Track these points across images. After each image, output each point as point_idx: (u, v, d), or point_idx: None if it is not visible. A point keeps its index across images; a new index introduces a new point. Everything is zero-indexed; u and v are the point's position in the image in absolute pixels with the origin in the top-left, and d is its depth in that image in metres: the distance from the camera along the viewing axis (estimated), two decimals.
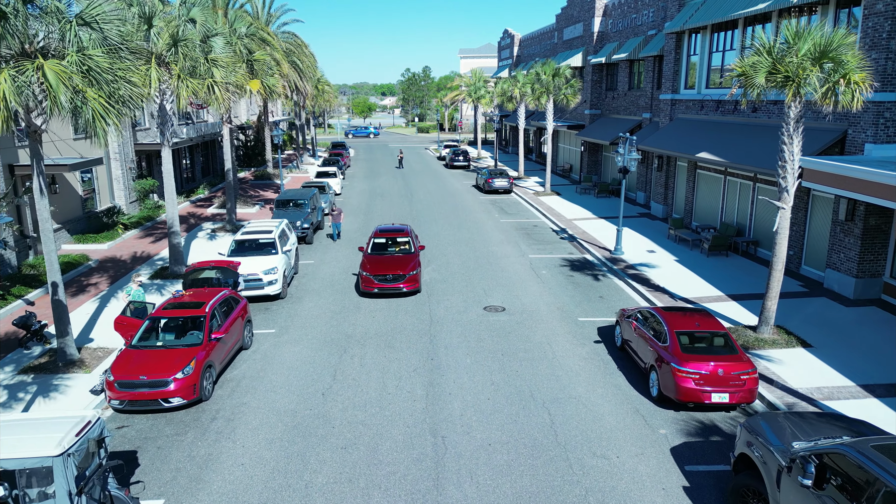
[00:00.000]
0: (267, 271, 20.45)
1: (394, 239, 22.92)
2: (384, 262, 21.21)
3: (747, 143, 24.24)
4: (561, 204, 38.25)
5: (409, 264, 21.11)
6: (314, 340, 17.65)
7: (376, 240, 22.87)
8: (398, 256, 21.69)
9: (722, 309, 19.47)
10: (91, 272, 23.96)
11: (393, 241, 22.89)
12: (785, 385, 14.51)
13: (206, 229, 31.56)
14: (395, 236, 22.99)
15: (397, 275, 20.51)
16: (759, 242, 25.41)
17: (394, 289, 20.47)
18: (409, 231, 23.55)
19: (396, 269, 20.79)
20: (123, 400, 13.34)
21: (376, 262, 21.21)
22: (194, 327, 15.01)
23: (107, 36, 14.44)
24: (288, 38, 48.48)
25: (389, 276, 20.45)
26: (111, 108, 14.04)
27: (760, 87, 15.72)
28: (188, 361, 13.74)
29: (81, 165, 25.36)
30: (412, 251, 22.38)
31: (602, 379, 15.13)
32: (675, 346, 13.68)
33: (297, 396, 14.36)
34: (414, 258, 21.58)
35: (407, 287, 20.56)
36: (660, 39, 34.05)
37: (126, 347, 14.44)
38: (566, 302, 20.69)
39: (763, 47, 15.78)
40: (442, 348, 16.96)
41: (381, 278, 20.49)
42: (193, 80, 21.25)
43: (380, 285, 20.48)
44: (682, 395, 13.11)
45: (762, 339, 16.84)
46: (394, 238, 22.94)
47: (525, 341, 17.41)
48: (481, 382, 14.92)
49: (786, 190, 16.37)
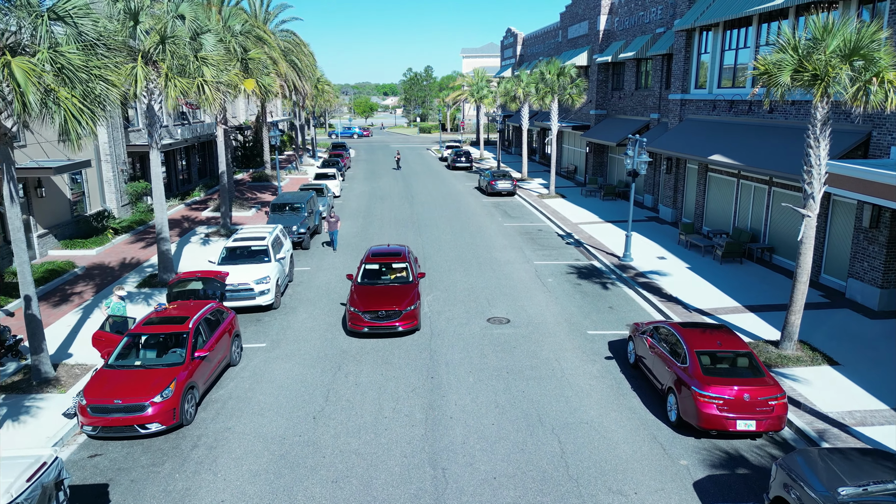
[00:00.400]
0: (259, 280, 19.39)
1: (388, 265, 19.78)
2: (376, 294, 18.10)
3: (763, 145, 23.14)
4: (566, 207, 37.16)
5: (407, 297, 17.97)
6: (307, 356, 16.58)
7: (368, 265, 19.80)
8: (393, 287, 18.61)
9: (739, 321, 18.38)
10: (76, 280, 22.92)
11: (387, 267, 19.74)
12: (814, 408, 13.42)
13: (200, 234, 30.52)
14: (390, 261, 19.86)
15: (392, 311, 17.49)
16: (774, 249, 24.29)
17: (387, 328, 17.46)
18: (406, 254, 20.36)
19: (391, 303, 17.66)
20: (97, 426, 12.29)
21: (367, 294, 18.10)
22: (176, 344, 13.96)
23: (82, 31, 13.40)
24: (286, 37, 47.45)
25: (382, 312, 17.44)
26: (85, 109, 13.01)
27: (785, 86, 14.62)
28: (168, 383, 12.69)
29: (67, 168, 24.32)
30: (410, 280, 19.17)
31: (615, 400, 14.05)
32: (696, 367, 12.59)
33: (286, 420, 13.30)
34: (412, 290, 18.46)
35: (403, 325, 17.51)
36: (669, 37, 32.95)
37: (101, 367, 13.39)
38: (574, 313, 19.61)
39: (788, 44, 14.69)
40: (443, 365, 15.89)
41: (372, 315, 17.46)
42: (182, 79, 20.19)
43: (370, 323, 17.43)
44: (705, 423, 12.03)
45: (785, 355, 15.74)
46: (388, 264, 19.81)
47: (531, 357, 16.33)
48: (485, 404, 13.84)
49: (812, 197, 15.27)
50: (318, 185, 35.60)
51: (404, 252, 20.46)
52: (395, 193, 43.39)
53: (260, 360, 16.31)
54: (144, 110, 21.60)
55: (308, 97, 57.76)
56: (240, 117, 62.64)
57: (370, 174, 54.69)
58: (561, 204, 38.15)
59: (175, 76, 20.05)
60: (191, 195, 40.24)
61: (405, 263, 19.77)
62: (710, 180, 28.93)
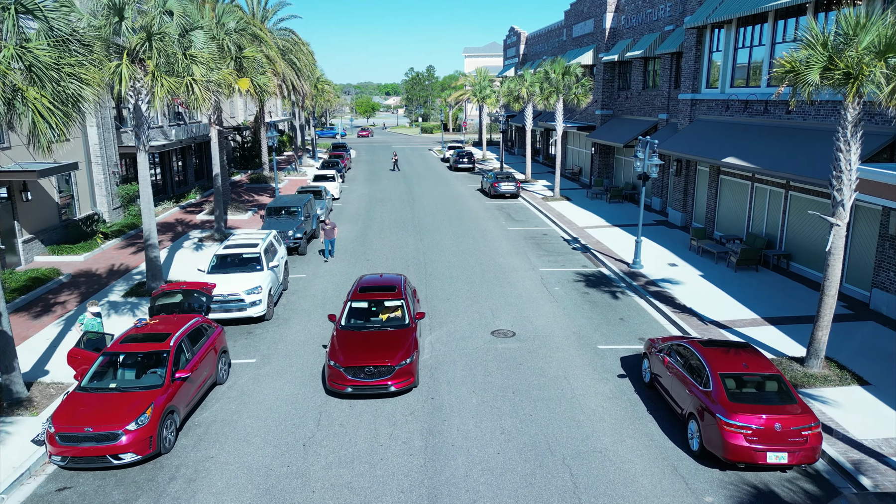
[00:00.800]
0: (250, 291, 18.34)
1: (380, 303, 16.16)
2: (364, 343, 14.51)
3: (781, 147, 22.04)
4: (571, 210, 36.07)
5: (401, 348, 14.33)
6: (299, 373, 15.53)
7: (354, 303, 16.13)
8: (385, 334, 14.92)
9: (759, 335, 17.29)
10: (61, 288, 21.90)
11: (378, 305, 16.14)
12: (846, 435, 12.33)
13: (193, 238, 29.50)
14: (382, 297, 16.21)
15: (382, 366, 13.82)
16: (791, 256, 23.19)
17: (377, 387, 13.80)
18: (401, 287, 16.70)
19: (381, 355, 14.03)
20: (66, 456, 11.25)
21: (352, 343, 14.53)
22: (156, 364, 12.91)
23: (53, 26, 12.39)
24: (285, 36, 46.41)
25: (370, 368, 13.79)
26: (56, 111, 11.98)
27: (813, 84, 13.55)
28: (144, 408, 11.65)
29: (53, 171, 23.31)
30: (406, 323, 15.49)
31: (631, 426, 12.97)
32: (721, 392, 11.52)
33: (273, 448, 12.25)
34: (408, 337, 14.81)
35: (397, 384, 13.87)
36: (678, 35, 31.85)
37: (73, 389, 12.35)
38: (583, 325, 18.54)
39: (816, 39, 13.61)
40: (444, 384, 14.83)
41: (355, 372, 13.79)
42: (170, 78, 19.16)
43: (355, 382, 13.75)
44: (731, 454, 10.96)
45: (812, 374, 14.66)
46: (380, 301, 16.17)
47: (539, 375, 15.26)
48: (490, 430, 12.78)
49: (841, 204, 14.18)
50: (317, 188, 34.55)
51: (400, 285, 16.86)
52: (395, 196, 42.33)
53: (248, 378, 15.27)
54: (131, 110, 20.56)
55: (308, 97, 56.73)
56: (238, 117, 61.64)
57: (371, 175, 53.65)
58: (566, 207, 37.06)
59: (162, 75, 19.02)
60: (186, 197, 39.22)
61: (401, 300, 16.15)
62: (723, 183, 27.83)
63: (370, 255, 26.48)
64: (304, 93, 50.20)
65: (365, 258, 26.05)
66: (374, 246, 28.14)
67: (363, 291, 16.58)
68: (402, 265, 24.90)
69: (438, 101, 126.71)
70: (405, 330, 15.21)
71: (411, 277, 23.23)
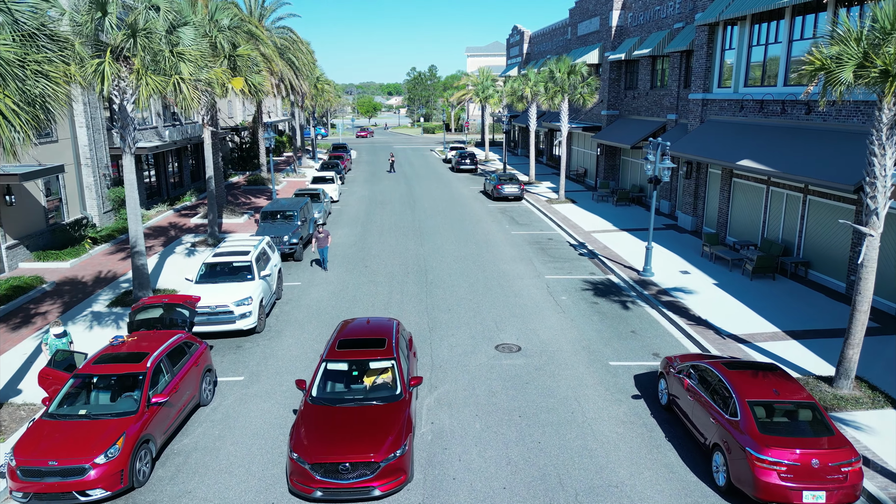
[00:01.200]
0: (239, 302, 17.29)
1: (364, 363, 12.28)
2: (338, 426, 10.92)
3: (799, 149, 20.95)
4: (577, 213, 34.99)
5: (390, 432, 10.79)
6: (289, 393, 14.48)
7: (331, 364, 12.26)
8: (369, 411, 11.31)
9: (781, 350, 16.21)
10: (44, 297, 20.88)
11: (362, 367, 12.27)
12: (885, 467, 11.24)
13: (186, 243, 28.47)
14: (367, 356, 12.36)
15: (363, 462, 10.31)
16: (810, 264, 22.08)
17: (356, 490, 10.27)
18: (392, 339, 12.92)
19: (361, 446, 10.48)
20: (28, 492, 10.21)
21: (323, 425, 10.95)
22: (132, 387, 11.85)
23: (18, 19, 11.36)
24: (283, 34, 45.38)
25: (346, 465, 10.28)
26: (20, 112, 10.95)
27: (847, 83, 12.47)
28: (115, 438, 10.60)
29: (37, 175, 22.30)
30: (398, 394, 11.77)
31: (648, 455, 11.90)
32: (750, 422, 10.44)
33: (257, 481, 11.19)
34: (400, 414, 11.26)
35: (383, 487, 10.35)
36: (689, 33, 30.74)
37: (40, 416, 11.31)
38: (592, 338, 17.47)
39: (849, 34, 12.53)
40: (445, 406, 13.76)
41: (326, 470, 10.29)
42: (156, 76, 18.12)
43: (325, 484, 10.23)
44: (763, 493, 9.88)
45: (842, 396, 13.58)
46: (364, 362, 12.29)
47: (547, 396, 14.19)
48: (495, 461, 11.71)
49: (875, 213, 13.10)
50: (314, 190, 33.52)
51: (391, 336, 13.09)
52: (396, 198, 41.27)
53: (235, 399, 14.22)
54: (116, 111, 19.53)
55: (307, 97, 55.70)
56: (237, 118, 60.65)
57: (371, 176, 52.60)
58: (571, 210, 35.97)
59: (147, 73, 17.98)
60: (181, 200, 38.19)
61: (391, 360, 12.28)
62: (736, 186, 26.74)
63: (369, 262, 25.43)
64: (302, 92, 49.17)
65: (363, 265, 25.00)
66: (374, 251, 27.09)
67: (343, 347, 12.74)
68: (401, 272, 23.85)
69: (440, 101, 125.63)
70: (396, 404, 11.45)
71: (411, 285, 22.18)
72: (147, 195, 35.96)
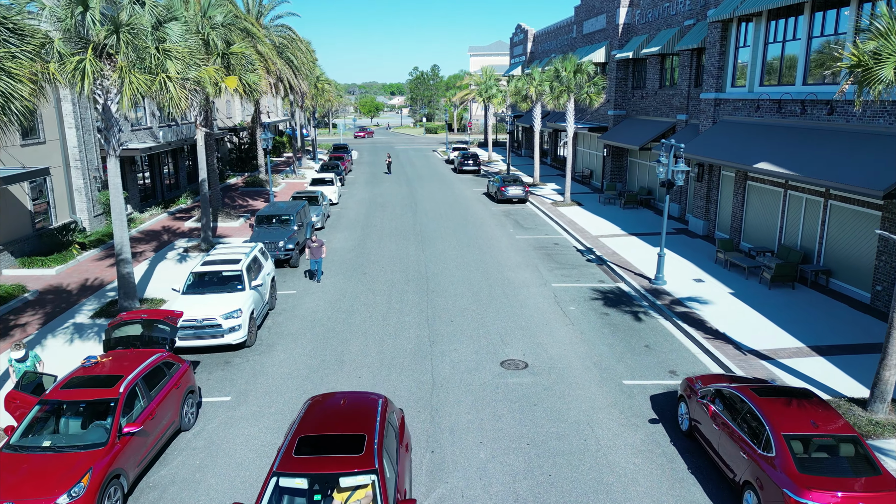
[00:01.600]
0: (228, 315, 16.24)
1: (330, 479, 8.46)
2: None
3: (821, 152, 19.82)
4: (583, 216, 33.88)
5: None
6: (278, 415, 13.43)
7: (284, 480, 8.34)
8: None
9: (808, 368, 15.11)
10: (25, 307, 19.86)
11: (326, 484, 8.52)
12: None
13: (179, 248, 27.44)
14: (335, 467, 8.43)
15: None
16: (831, 272, 20.96)
17: None
18: (374, 436, 9.04)
19: None
20: None
21: None
22: (103, 415, 10.80)
23: None
24: (281, 33, 44.35)
25: None
26: None
27: (887, 81, 11.38)
28: (81, 474, 9.56)
29: (19, 178, 21.29)
30: None
31: (671, 490, 10.81)
32: (787, 460, 9.35)
33: None
34: None
35: None
36: (700, 30, 29.63)
37: (0, 449, 10.27)
38: (604, 354, 16.38)
39: (890, 28, 11.44)
40: (446, 431, 12.70)
41: None
42: (140, 75, 17.08)
43: None
44: None
45: (877, 421, 12.49)
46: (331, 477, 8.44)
47: (557, 420, 13.12)
48: (501, 497, 10.64)
49: None
50: (313, 193, 32.47)
51: (373, 426, 9.28)
52: (396, 200, 40.21)
53: (219, 422, 13.17)
54: (100, 111, 18.51)
55: (307, 96, 54.67)
56: (236, 118, 59.65)
57: (372, 178, 51.54)
58: (577, 213, 34.88)
59: (132, 72, 16.94)
60: (176, 202, 37.17)
61: (371, 474, 8.33)
62: (751, 190, 25.61)
63: (368, 268, 24.37)
64: (302, 92, 48.13)
65: (362, 272, 23.94)
66: (373, 257, 26.03)
67: (302, 453, 8.84)
68: (401, 279, 22.78)
69: (443, 101, 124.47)
70: None
71: (411, 294, 21.11)
72: (141, 197, 34.94)
